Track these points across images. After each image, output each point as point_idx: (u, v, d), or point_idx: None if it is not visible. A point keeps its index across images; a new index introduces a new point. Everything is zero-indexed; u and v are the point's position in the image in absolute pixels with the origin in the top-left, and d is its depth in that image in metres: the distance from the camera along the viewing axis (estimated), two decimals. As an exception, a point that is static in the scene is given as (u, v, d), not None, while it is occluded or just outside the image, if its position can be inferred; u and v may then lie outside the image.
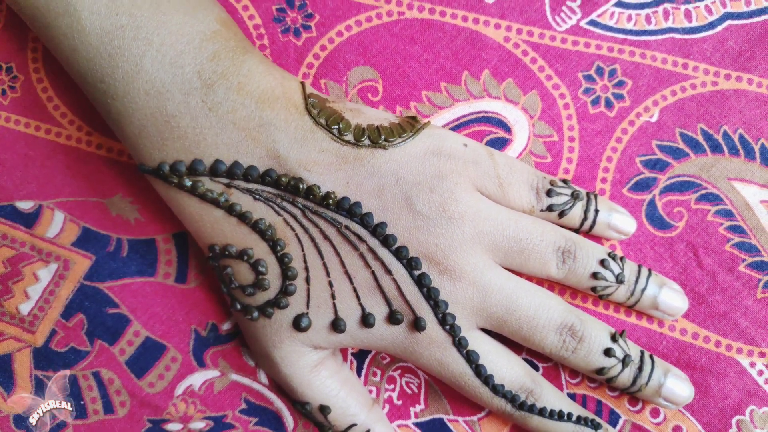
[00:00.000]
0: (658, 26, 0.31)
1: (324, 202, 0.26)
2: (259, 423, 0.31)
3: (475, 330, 0.27)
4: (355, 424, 0.29)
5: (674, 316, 0.29)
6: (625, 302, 0.29)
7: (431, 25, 0.31)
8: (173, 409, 0.30)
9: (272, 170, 0.26)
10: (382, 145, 0.26)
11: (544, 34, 0.31)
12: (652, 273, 0.29)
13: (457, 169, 0.27)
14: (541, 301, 0.27)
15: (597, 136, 0.31)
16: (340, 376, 0.29)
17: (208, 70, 0.26)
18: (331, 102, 0.28)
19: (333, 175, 0.26)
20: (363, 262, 0.26)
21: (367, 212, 0.26)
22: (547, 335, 0.27)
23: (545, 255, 0.27)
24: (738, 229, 0.30)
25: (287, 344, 0.27)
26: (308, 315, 0.27)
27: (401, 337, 0.27)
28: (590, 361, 0.27)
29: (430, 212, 0.26)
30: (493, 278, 0.27)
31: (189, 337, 0.31)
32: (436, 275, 0.26)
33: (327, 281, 0.27)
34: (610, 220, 0.29)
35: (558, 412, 0.28)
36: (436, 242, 0.26)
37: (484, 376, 0.27)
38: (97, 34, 0.26)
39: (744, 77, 0.31)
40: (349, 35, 0.31)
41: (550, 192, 0.28)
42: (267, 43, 0.32)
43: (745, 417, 0.29)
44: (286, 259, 0.26)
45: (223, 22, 0.27)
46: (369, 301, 0.27)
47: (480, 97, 0.31)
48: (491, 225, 0.27)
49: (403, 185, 0.26)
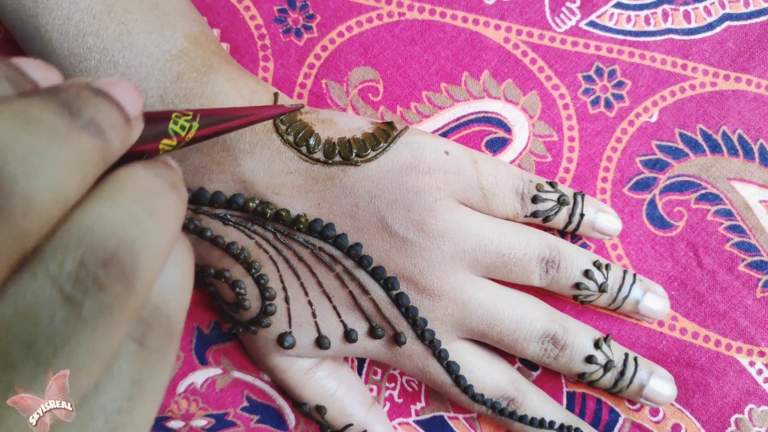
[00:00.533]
0: (657, 27, 0.31)
1: (294, 226, 0.25)
2: (261, 421, 0.31)
3: (457, 341, 0.27)
4: (351, 424, 0.29)
5: (655, 319, 0.29)
6: (606, 307, 0.29)
7: (431, 26, 0.32)
8: (175, 406, 0.31)
9: (239, 195, 0.25)
10: (354, 161, 0.25)
11: (544, 35, 0.32)
12: (636, 279, 0.29)
13: (437, 183, 0.26)
14: (523, 312, 0.27)
15: (597, 136, 0.31)
16: (338, 376, 0.29)
17: (171, 93, 0.25)
18: (303, 113, 0.27)
19: (303, 197, 0.25)
20: (340, 282, 0.26)
21: (340, 234, 0.25)
22: (528, 345, 0.27)
23: (528, 267, 0.27)
24: (737, 228, 0.30)
25: (275, 356, 0.28)
26: (291, 334, 0.27)
27: (384, 349, 0.27)
28: (571, 368, 0.28)
29: (406, 233, 0.25)
30: (474, 294, 0.26)
31: (191, 334, 0.31)
32: (414, 294, 0.26)
33: (306, 300, 0.26)
34: (596, 222, 0.28)
35: (540, 420, 0.28)
36: (413, 262, 0.25)
37: (464, 386, 0.27)
38: (66, 56, 0.25)
39: (743, 78, 0.31)
40: (350, 36, 0.32)
41: (536, 198, 0.27)
42: (269, 43, 0.32)
43: (744, 415, 0.29)
44: (262, 281, 0.26)
45: (192, 39, 0.26)
46: (349, 318, 0.27)
47: (480, 98, 0.31)
48: (473, 241, 0.26)
49: (378, 204, 0.25)
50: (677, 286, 0.30)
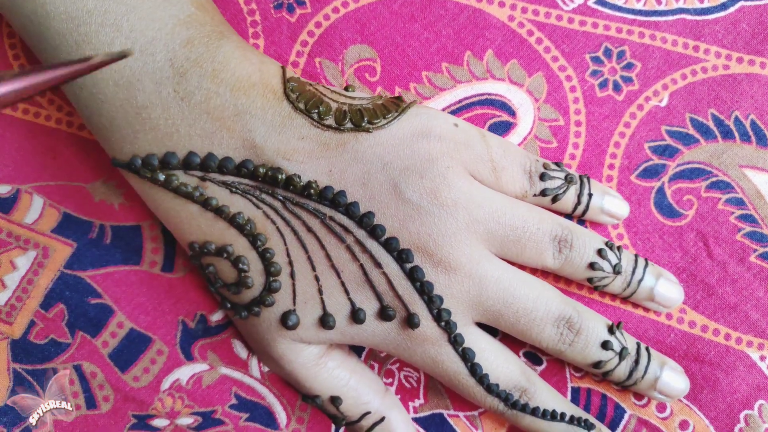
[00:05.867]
0: (669, 7, 0.30)
1: (305, 193, 0.24)
2: (250, 419, 0.29)
3: (471, 326, 0.26)
4: (369, 412, 0.28)
5: (670, 307, 0.28)
6: (621, 293, 0.28)
7: (432, 2, 0.30)
8: (159, 404, 0.29)
9: (249, 161, 0.24)
10: (366, 128, 0.25)
11: (550, 13, 0.30)
12: (649, 264, 0.28)
13: (448, 151, 0.25)
14: (539, 292, 0.26)
15: (604, 120, 0.30)
16: (349, 365, 0.28)
17: (180, 57, 0.24)
18: (312, 85, 0.26)
19: (314, 163, 0.24)
20: (350, 254, 0.25)
21: (352, 202, 0.24)
22: (544, 328, 0.26)
23: (542, 244, 0.26)
24: (749, 218, 0.29)
25: (281, 342, 0.26)
26: (295, 312, 0.25)
27: (393, 333, 0.26)
28: (587, 354, 0.27)
29: (420, 200, 0.24)
30: (490, 269, 0.25)
31: (176, 328, 0.29)
32: (430, 268, 0.25)
33: (313, 275, 0.25)
34: (603, 204, 0.28)
35: (551, 412, 0.27)
36: (428, 232, 0.25)
37: (479, 376, 0.26)
38: (63, 20, 0.24)
39: (757, 61, 0.30)
40: (346, 12, 0.30)
41: (544, 176, 0.27)
42: (259, 19, 0.30)
43: (754, 411, 0.28)
44: (268, 255, 0.25)
45: (198, 5, 0.26)
46: (358, 296, 0.25)
47: (483, 79, 0.30)
48: (486, 212, 0.25)
49: (391, 171, 0.25)
50: (686, 277, 0.29)
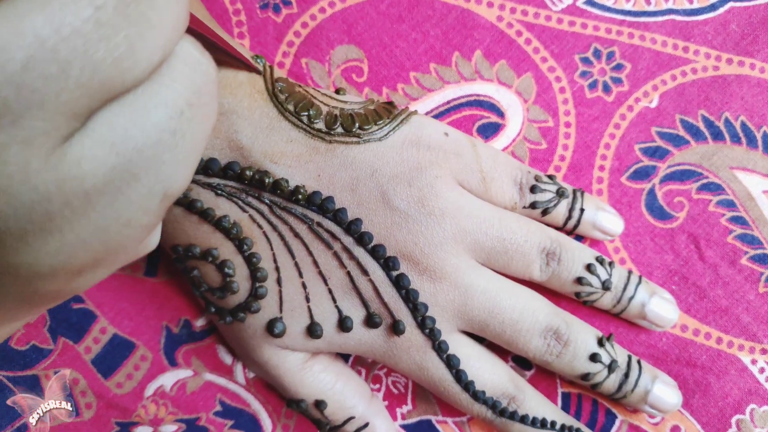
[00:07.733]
0: (658, 7, 0.30)
1: (293, 198, 0.24)
2: (235, 426, 0.29)
3: (456, 333, 0.26)
4: (353, 417, 0.27)
5: (663, 327, 0.28)
6: (611, 309, 0.27)
7: (420, 3, 0.29)
8: (143, 411, 0.28)
9: (235, 163, 0.24)
10: (357, 133, 0.24)
11: (539, 13, 0.30)
12: (642, 281, 0.27)
13: (438, 160, 0.25)
14: (525, 303, 0.26)
15: (594, 121, 0.29)
16: (335, 369, 0.27)
17: None
18: (302, 87, 0.26)
19: (302, 168, 0.24)
20: (337, 261, 0.25)
21: (340, 208, 0.24)
22: (531, 339, 0.26)
23: (529, 256, 0.26)
24: (740, 220, 0.29)
25: (266, 348, 0.26)
26: (282, 320, 0.25)
27: (380, 340, 0.25)
28: (575, 366, 0.26)
29: (408, 208, 0.24)
30: (476, 279, 0.25)
31: (160, 334, 0.29)
32: (415, 276, 0.24)
33: (300, 282, 0.25)
34: (596, 219, 0.27)
35: (541, 420, 0.26)
36: (415, 240, 0.24)
37: (465, 382, 0.26)
38: None
39: (746, 62, 0.30)
40: (333, 12, 0.29)
41: (534, 188, 0.26)
42: (244, 19, 0.29)
43: (745, 416, 0.28)
44: (254, 260, 0.24)
45: None
46: (345, 303, 0.25)
47: (471, 80, 0.29)
48: (474, 223, 0.25)
49: (379, 178, 0.24)
50: (678, 280, 0.29)
